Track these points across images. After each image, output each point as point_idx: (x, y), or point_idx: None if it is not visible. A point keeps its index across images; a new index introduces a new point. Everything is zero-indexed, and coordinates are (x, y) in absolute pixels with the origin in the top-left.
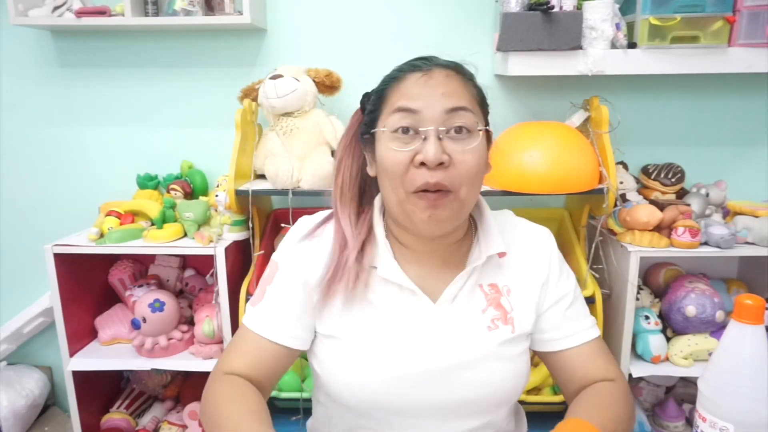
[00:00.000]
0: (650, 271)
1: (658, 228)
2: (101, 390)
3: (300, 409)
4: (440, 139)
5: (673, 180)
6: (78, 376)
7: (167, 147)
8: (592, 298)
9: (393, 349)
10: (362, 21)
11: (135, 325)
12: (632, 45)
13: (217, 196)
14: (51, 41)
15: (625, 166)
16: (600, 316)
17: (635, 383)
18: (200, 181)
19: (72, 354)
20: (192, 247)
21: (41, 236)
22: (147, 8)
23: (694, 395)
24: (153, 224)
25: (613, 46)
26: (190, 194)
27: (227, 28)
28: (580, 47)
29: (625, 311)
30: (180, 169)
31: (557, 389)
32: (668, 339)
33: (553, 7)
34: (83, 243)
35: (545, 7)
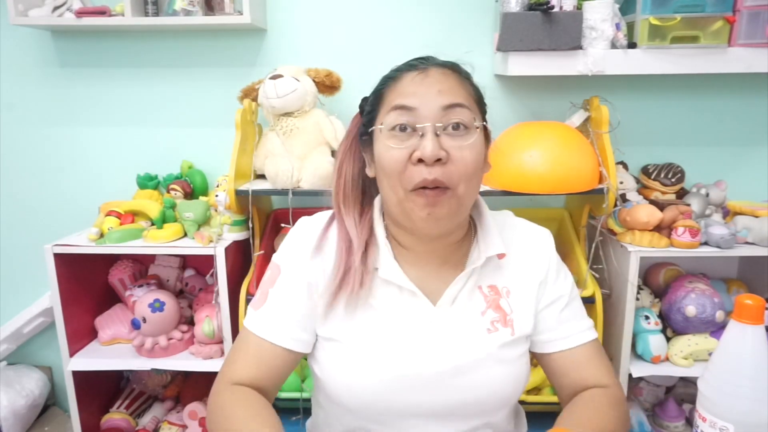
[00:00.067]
0: (650, 271)
1: (658, 228)
2: (101, 390)
3: (300, 410)
4: (437, 136)
5: (673, 180)
6: (78, 376)
7: (167, 147)
8: (592, 298)
9: (393, 352)
10: (362, 21)
11: (135, 325)
12: (632, 45)
13: (217, 196)
14: (51, 41)
15: (625, 166)
16: (600, 316)
17: (635, 383)
18: (200, 181)
19: (72, 354)
20: (192, 247)
21: (41, 236)
22: (147, 8)
23: (694, 395)
24: (153, 224)
25: (613, 46)
26: (190, 194)
27: (227, 28)
28: (580, 47)
29: (625, 311)
30: (180, 169)
31: None
32: (668, 339)
33: (553, 7)
34: (83, 243)
35: (545, 7)
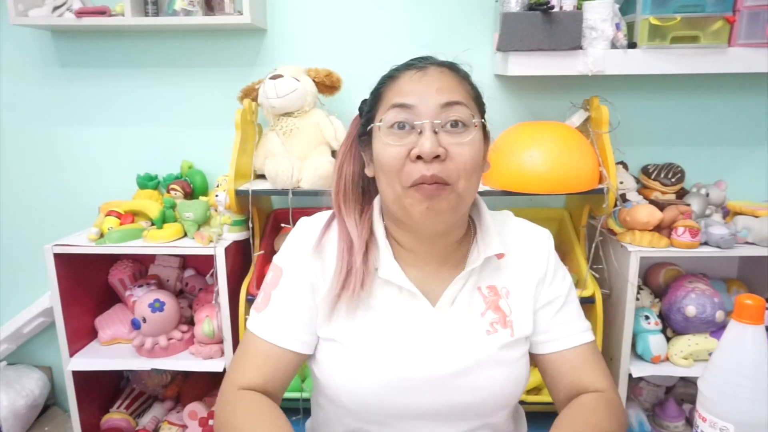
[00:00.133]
0: (650, 271)
1: (658, 228)
2: (101, 390)
3: (300, 409)
4: (436, 133)
5: (673, 180)
6: (78, 376)
7: (167, 147)
8: (592, 298)
9: (392, 353)
10: (362, 21)
11: (135, 325)
12: (632, 45)
13: (217, 196)
14: (51, 41)
15: (625, 166)
16: (600, 316)
17: (635, 383)
18: (200, 181)
19: (72, 354)
20: (192, 247)
21: (41, 236)
22: (147, 8)
23: (694, 395)
24: (153, 224)
25: (613, 46)
26: (190, 194)
27: (227, 28)
28: (580, 47)
29: (625, 311)
30: (180, 169)
31: None
32: (668, 339)
33: (553, 7)
34: (83, 243)
35: (545, 7)
